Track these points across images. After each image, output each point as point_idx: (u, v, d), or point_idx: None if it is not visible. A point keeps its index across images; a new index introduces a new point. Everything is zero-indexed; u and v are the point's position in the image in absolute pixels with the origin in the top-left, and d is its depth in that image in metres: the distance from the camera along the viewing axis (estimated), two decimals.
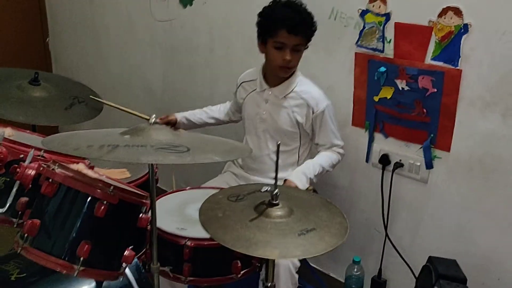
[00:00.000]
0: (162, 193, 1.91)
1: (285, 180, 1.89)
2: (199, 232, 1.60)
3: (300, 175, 1.89)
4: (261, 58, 2.02)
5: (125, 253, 1.40)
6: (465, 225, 1.92)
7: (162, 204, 1.78)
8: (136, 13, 3.02)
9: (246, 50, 2.47)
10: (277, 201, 1.34)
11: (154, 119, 1.24)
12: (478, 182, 1.86)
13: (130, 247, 1.43)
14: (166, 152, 1.07)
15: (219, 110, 2.28)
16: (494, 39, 1.70)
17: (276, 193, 1.32)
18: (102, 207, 1.30)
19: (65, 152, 1.11)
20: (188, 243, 1.57)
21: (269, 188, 1.33)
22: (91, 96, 2.21)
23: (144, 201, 1.42)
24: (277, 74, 1.94)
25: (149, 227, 1.47)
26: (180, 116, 2.21)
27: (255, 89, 2.03)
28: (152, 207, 1.25)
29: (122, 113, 2.22)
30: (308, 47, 1.92)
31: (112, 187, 1.32)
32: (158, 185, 2.06)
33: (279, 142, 1.30)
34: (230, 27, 2.54)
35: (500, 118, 1.75)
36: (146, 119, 2.15)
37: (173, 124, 2.19)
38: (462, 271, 1.72)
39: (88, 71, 3.52)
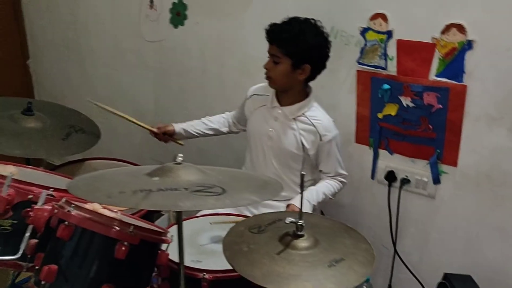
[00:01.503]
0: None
1: (288, 205, 1.85)
2: (215, 263, 1.57)
3: (303, 202, 1.84)
4: (255, 79, 1.99)
5: None
6: (475, 239, 1.92)
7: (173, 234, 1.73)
8: (124, 34, 2.95)
9: (240, 71, 2.44)
10: (302, 232, 1.31)
11: (180, 158, 1.18)
12: (486, 196, 1.86)
13: (149, 285, 1.38)
14: (203, 195, 1.03)
15: (219, 121, 2.23)
16: (499, 55, 1.71)
17: (302, 224, 1.30)
18: (123, 248, 1.25)
19: (98, 201, 1.06)
20: (206, 276, 1.52)
21: (293, 218, 1.30)
22: (89, 100, 2.09)
23: (163, 238, 1.37)
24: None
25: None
26: (178, 127, 2.16)
27: (265, 105, 2.00)
28: (180, 247, 1.19)
29: (114, 138, 2.15)
30: (304, 69, 1.84)
31: (132, 227, 1.27)
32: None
33: (303, 173, 1.26)
34: (223, 47, 2.50)
35: (506, 133, 1.76)
36: (151, 130, 2.12)
37: (170, 134, 2.14)
38: (479, 286, 1.72)
39: (72, 95, 3.42)
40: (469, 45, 1.76)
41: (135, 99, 3.02)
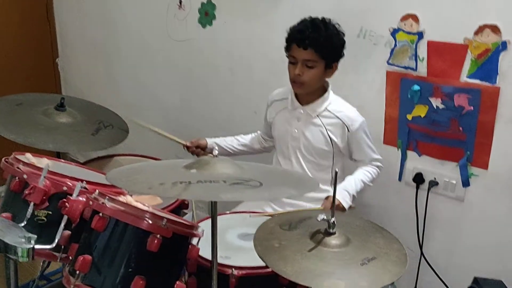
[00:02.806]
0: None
1: (327, 197, 1.85)
2: (243, 260, 1.57)
3: (343, 193, 1.86)
4: (283, 79, 2.00)
5: (176, 285, 1.35)
6: (506, 244, 1.89)
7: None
8: (151, 33, 2.98)
9: (268, 71, 2.45)
10: (334, 230, 1.31)
11: (217, 151, 1.20)
12: None
13: (180, 279, 1.39)
14: (242, 188, 1.03)
15: (251, 138, 2.24)
16: None
17: (334, 222, 1.29)
18: (156, 241, 1.26)
19: (139, 192, 1.07)
20: (235, 272, 1.52)
21: (325, 216, 1.30)
22: (131, 119, 2.16)
23: (194, 232, 1.38)
24: (293, 89, 1.93)
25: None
26: (211, 141, 2.17)
27: (286, 107, 2.01)
28: (213, 241, 1.20)
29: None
30: (334, 67, 1.88)
31: (165, 220, 1.28)
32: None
33: (337, 170, 1.26)
34: (252, 47, 2.51)
35: None
36: (184, 144, 2.14)
37: (203, 148, 2.15)
38: None
39: (99, 94, 3.46)
40: (503, 46, 1.74)
41: (161, 98, 3.05)
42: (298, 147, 1.96)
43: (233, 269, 1.52)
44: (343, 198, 1.83)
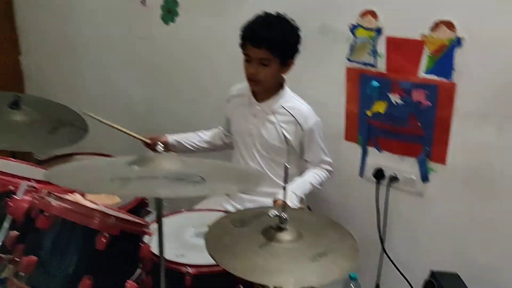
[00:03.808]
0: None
1: (275, 201, 1.84)
2: (199, 258, 1.55)
3: (289, 194, 1.83)
4: None
5: (126, 286, 1.33)
6: (464, 237, 1.92)
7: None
8: (115, 30, 2.94)
9: (232, 67, 2.41)
10: (285, 225, 1.30)
11: (162, 148, 1.17)
12: (475, 194, 1.86)
13: (130, 279, 1.36)
14: (182, 184, 1.01)
15: (213, 135, 2.22)
16: (488, 52, 1.71)
17: (286, 218, 1.28)
18: (103, 239, 1.24)
19: (74, 187, 1.04)
20: (190, 270, 1.50)
21: (277, 212, 1.29)
22: (83, 112, 2.10)
23: (145, 230, 1.36)
24: (250, 87, 1.93)
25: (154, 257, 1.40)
26: (171, 138, 2.15)
27: (243, 104, 2.00)
28: (160, 238, 1.18)
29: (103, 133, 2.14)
30: (289, 63, 1.88)
31: (113, 218, 1.25)
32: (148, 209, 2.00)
33: (287, 165, 1.25)
34: (215, 44, 2.50)
35: (495, 130, 1.76)
36: (143, 141, 2.11)
37: (163, 146, 2.12)
38: (466, 285, 1.71)
39: (64, 90, 3.38)
40: (458, 42, 1.76)
41: (126, 95, 3.01)
42: (254, 144, 1.96)
43: (188, 267, 1.51)
44: (290, 199, 1.80)
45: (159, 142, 1.19)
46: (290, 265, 1.21)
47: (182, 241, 1.67)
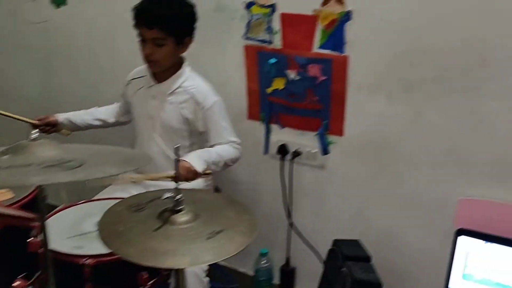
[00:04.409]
0: (52, 210, 1.75)
1: (178, 160, 1.79)
2: (98, 248, 1.49)
3: (195, 157, 1.77)
4: None
5: (15, 284, 1.25)
6: (363, 205, 2.00)
7: (55, 223, 1.64)
8: (4, 16, 2.74)
9: (131, 50, 2.34)
10: (181, 207, 1.28)
11: (36, 134, 1.10)
12: (371, 163, 1.94)
13: (21, 276, 1.29)
14: (56, 170, 0.96)
15: (106, 112, 2.15)
16: (375, 24, 1.77)
17: (180, 199, 1.26)
18: None
19: None
20: (88, 261, 1.46)
21: (171, 194, 1.27)
22: None
23: (32, 224, 1.28)
24: (148, 68, 1.89)
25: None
26: (62, 117, 2.05)
27: (143, 86, 1.95)
28: (43, 228, 1.12)
29: None
30: (186, 41, 1.84)
31: None
32: (47, 201, 1.90)
33: (176, 146, 1.23)
34: (113, 26, 2.40)
35: (385, 100, 1.83)
36: (31, 123, 1.98)
37: (53, 126, 2.02)
38: (366, 249, 1.79)
39: None
40: (347, 16, 1.80)
41: (22, 85, 2.84)
42: (155, 126, 1.92)
43: (86, 258, 1.46)
44: (195, 161, 1.74)
45: (32, 131, 1.11)
46: (185, 246, 1.19)
47: (81, 232, 1.61)
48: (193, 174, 1.71)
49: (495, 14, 1.56)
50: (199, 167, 1.74)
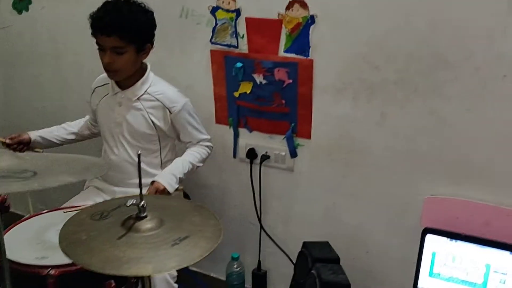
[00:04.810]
0: (18, 219, 1.71)
1: (152, 182, 1.80)
2: (63, 258, 1.46)
3: (168, 176, 1.82)
4: None
5: None
6: (332, 207, 2.01)
7: (17, 233, 1.61)
8: None
9: (95, 57, 2.31)
10: (145, 214, 1.26)
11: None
12: (338, 165, 1.95)
13: None
14: (9, 181, 0.94)
15: (78, 125, 2.12)
16: (338, 28, 1.79)
17: (143, 205, 1.25)
18: None
19: None
20: (52, 272, 1.42)
21: (134, 201, 1.25)
22: None
23: None
24: (109, 77, 1.87)
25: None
26: (34, 135, 2.00)
27: (107, 94, 1.93)
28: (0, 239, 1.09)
29: None
30: (147, 48, 1.83)
31: None
32: (11, 210, 1.85)
33: (139, 152, 1.21)
34: (76, 32, 2.36)
35: (350, 102, 1.85)
36: (3, 142, 1.93)
37: (26, 144, 1.97)
38: (335, 251, 1.80)
39: None
40: (312, 19, 1.82)
41: None
42: (122, 133, 1.90)
43: (50, 268, 1.43)
44: (168, 182, 1.80)
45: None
46: (149, 253, 1.18)
47: (44, 242, 1.57)
48: (166, 194, 1.78)
49: (454, 16, 1.59)
50: (171, 187, 1.80)
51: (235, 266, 2.21)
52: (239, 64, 1.98)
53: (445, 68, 1.64)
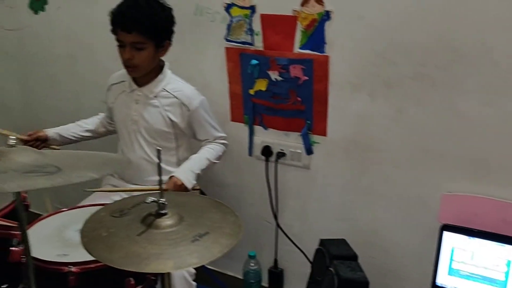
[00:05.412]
0: (36, 218, 1.73)
1: (170, 177, 1.81)
2: (83, 255, 1.47)
3: (186, 172, 1.83)
4: None
5: None
6: (348, 204, 2.00)
7: (38, 231, 1.62)
8: None
9: (111, 56, 2.32)
10: (164, 210, 1.27)
11: (13, 140, 1.09)
12: (355, 162, 1.94)
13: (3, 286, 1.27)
14: (34, 176, 0.95)
15: (94, 122, 2.14)
16: (353, 23, 1.78)
17: (163, 203, 1.25)
18: None
19: None
20: (73, 269, 1.43)
21: (155, 198, 1.26)
22: None
23: (13, 232, 1.26)
24: (128, 74, 1.88)
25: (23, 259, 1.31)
26: (51, 132, 2.03)
27: (124, 91, 1.94)
28: (24, 237, 1.10)
29: None
30: (166, 45, 1.84)
31: None
32: (30, 209, 1.87)
33: (159, 149, 1.22)
34: (92, 32, 2.38)
35: (367, 98, 1.84)
36: (20, 138, 1.95)
37: (43, 141, 1.99)
38: (352, 248, 1.79)
39: None
40: (327, 15, 1.81)
41: (0, 94, 2.79)
42: (139, 131, 1.91)
43: (71, 266, 1.44)
44: (187, 177, 1.81)
45: (10, 137, 1.09)
46: (169, 250, 1.18)
47: (64, 240, 1.59)
48: (183, 190, 1.78)
49: (471, 8, 1.58)
50: (189, 182, 1.81)
51: (252, 264, 2.21)
52: (254, 61, 1.98)
53: (463, 62, 1.63)
